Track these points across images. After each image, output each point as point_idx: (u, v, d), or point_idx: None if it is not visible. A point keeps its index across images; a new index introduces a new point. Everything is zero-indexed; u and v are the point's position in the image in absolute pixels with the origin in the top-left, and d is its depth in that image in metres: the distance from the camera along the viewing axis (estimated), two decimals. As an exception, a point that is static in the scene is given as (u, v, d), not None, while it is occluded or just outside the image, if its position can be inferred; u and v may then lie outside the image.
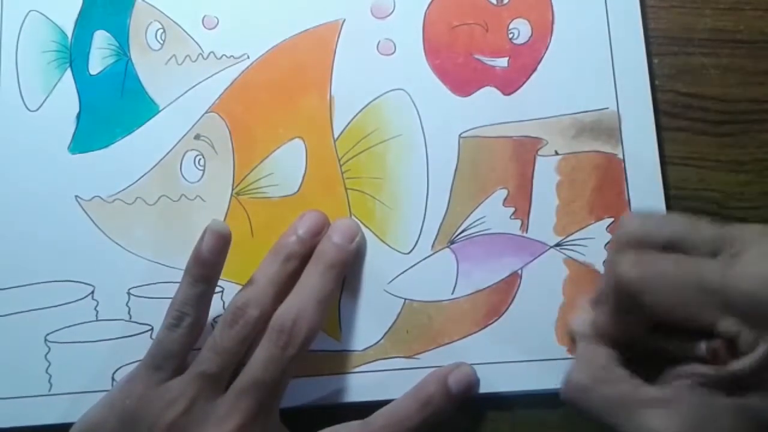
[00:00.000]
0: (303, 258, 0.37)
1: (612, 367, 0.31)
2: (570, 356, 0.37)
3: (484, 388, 0.37)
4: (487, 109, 0.40)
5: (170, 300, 0.36)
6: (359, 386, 0.37)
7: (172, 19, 0.41)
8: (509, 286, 0.38)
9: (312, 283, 0.36)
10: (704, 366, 0.29)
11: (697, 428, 0.28)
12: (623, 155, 0.40)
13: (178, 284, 0.38)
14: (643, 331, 0.31)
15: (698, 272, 0.29)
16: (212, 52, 0.40)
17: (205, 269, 0.35)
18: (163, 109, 0.40)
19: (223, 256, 0.35)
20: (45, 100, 0.40)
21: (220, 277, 0.36)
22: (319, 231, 0.37)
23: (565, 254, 0.38)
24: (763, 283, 0.27)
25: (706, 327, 0.29)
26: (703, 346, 0.30)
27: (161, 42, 0.41)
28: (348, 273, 0.38)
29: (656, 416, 0.29)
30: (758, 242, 0.28)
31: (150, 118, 0.40)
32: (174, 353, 0.34)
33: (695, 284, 0.28)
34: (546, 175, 0.39)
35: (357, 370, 0.38)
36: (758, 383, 0.28)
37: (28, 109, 0.40)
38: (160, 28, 0.41)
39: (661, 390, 0.30)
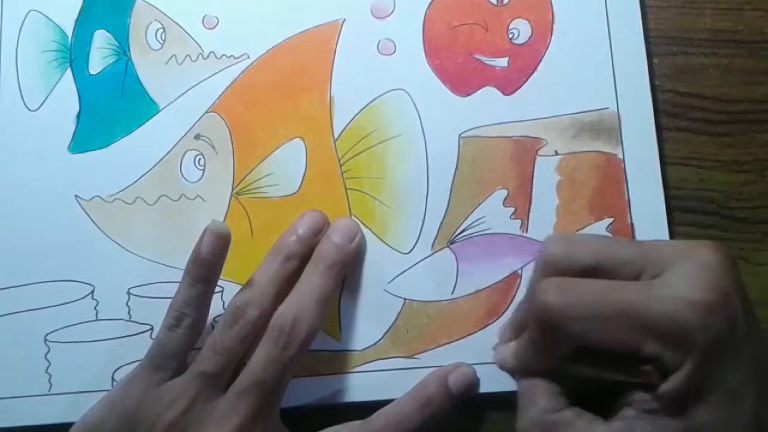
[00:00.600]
0: (303, 258, 0.37)
1: (555, 408, 0.30)
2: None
3: (484, 388, 0.37)
4: (487, 109, 0.40)
5: (170, 300, 0.36)
6: (359, 386, 0.37)
7: (172, 19, 0.41)
8: (509, 286, 0.38)
9: (312, 282, 0.36)
10: (642, 393, 0.29)
11: None
12: (623, 155, 0.40)
13: (178, 284, 0.38)
14: (564, 359, 0.30)
15: (621, 297, 0.28)
16: (212, 51, 0.40)
17: (205, 270, 0.35)
18: (163, 108, 0.40)
19: (223, 256, 0.35)
20: (45, 99, 0.40)
21: (220, 277, 0.36)
22: (319, 231, 0.37)
23: (565, 254, 0.38)
24: (679, 305, 0.27)
25: (632, 351, 0.28)
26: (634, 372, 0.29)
27: (161, 42, 0.41)
28: (348, 273, 0.38)
29: None
30: (677, 264, 0.28)
31: (150, 118, 0.40)
32: (174, 353, 0.34)
33: (618, 309, 0.28)
34: (546, 175, 0.39)
35: (357, 369, 0.38)
36: (698, 399, 0.28)
37: (28, 109, 0.40)
38: (160, 28, 0.41)
39: (611, 426, 0.29)
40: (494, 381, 0.37)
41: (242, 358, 0.35)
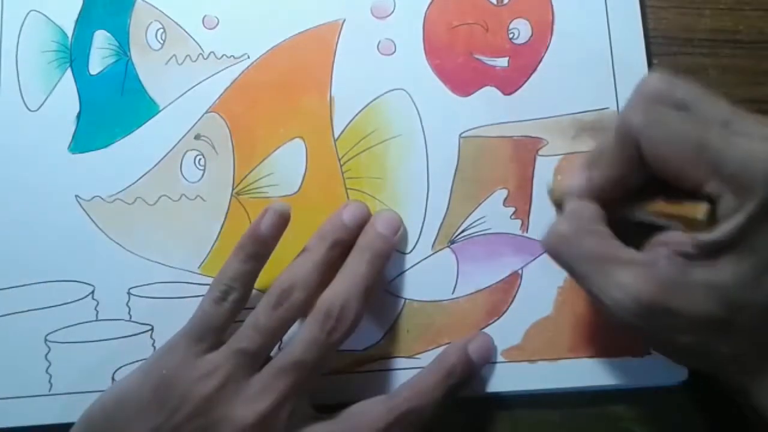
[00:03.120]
0: (346, 246, 0.37)
1: (597, 222, 0.32)
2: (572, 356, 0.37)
3: (484, 388, 0.37)
4: (487, 109, 0.40)
5: (170, 300, 0.37)
6: (360, 386, 0.37)
7: (172, 19, 0.41)
8: (509, 285, 0.38)
9: (360, 271, 0.36)
10: (684, 234, 0.30)
11: (667, 294, 0.29)
12: (623, 155, 0.40)
13: (177, 284, 0.38)
14: (630, 189, 0.32)
15: (702, 132, 0.30)
16: (212, 52, 0.40)
17: (260, 247, 0.35)
18: (164, 108, 0.40)
19: (280, 235, 0.35)
20: (45, 99, 0.40)
21: None
22: (364, 221, 0.38)
23: (565, 254, 0.38)
24: (754, 154, 0.28)
25: (694, 185, 0.30)
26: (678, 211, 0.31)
27: (161, 42, 0.41)
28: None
29: (630, 275, 0.30)
30: (763, 128, 0.29)
31: (150, 118, 0.40)
32: (216, 327, 0.34)
33: (694, 141, 0.29)
34: (546, 175, 0.39)
35: (357, 370, 0.38)
36: (731, 261, 0.29)
37: (29, 109, 0.40)
38: (160, 28, 0.41)
39: (641, 254, 0.31)
40: (494, 381, 0.37)
41: (281, 339, 0.35)
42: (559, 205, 0.35)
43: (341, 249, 0.37)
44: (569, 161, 0.39)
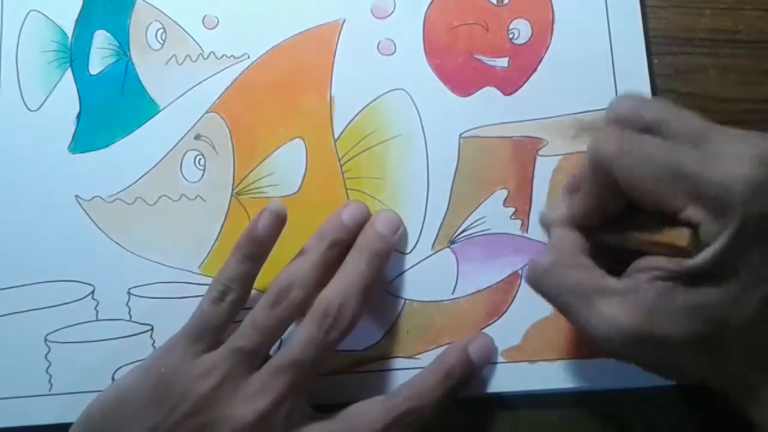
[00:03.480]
0: (345, 246, 0.37)
1: (577, 254, 0.32)
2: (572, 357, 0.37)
3: (484, 388, 0.37)
4: (488, 109, 0.40)
5: (170, 300, 0.37)
6: (359, 386, 0.37)
7: (172, 19, 0.41)
8: (510, 286, 0.38)
9: (359, 270, 0.36)
10: (665, 259, 0.30)
11: (653, 321, 0.29)
12: (623, 155, 0.40)
13: (177, 284, 0.38)
14: (609, 215, 0.32)
15: (676, 157, 0.29)
16: (212, 52, 0.40)
17: (257, 247, 0.35)
18: (164, 108, 0.40)
19: (277, 235, 0.35)
20: (45, 99, 0.40)
21: None
22: (363, 221, 0.38)
23: (565, 254, 0.39)
24: (731, 176, 0.28)
25: (672, 212, 0.29)
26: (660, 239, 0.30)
27: (161, 42, 0.41)
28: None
29: (613, 305, 0.30)
30: (736, 144, 0.29)
31: (150, 118, 0.40)
32: (214, 327, 0.35)
33: (671, 167, 0.29)
34: (546, 175, 0.39)
35: (357, 370, 0.38)
36: (714, 282, 0.28)
37: (29, 109, 0.40)
38: (160, 28, 0.41)
39: (621, 282, 0.31)
40: (494, 381, 0.37)
41: (280, 338, 0.35)
42: (548, 229, 0.36)
43: (340, 249, 0.37)
44: (568, 161, 0.39)
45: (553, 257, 0.32)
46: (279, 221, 0.35)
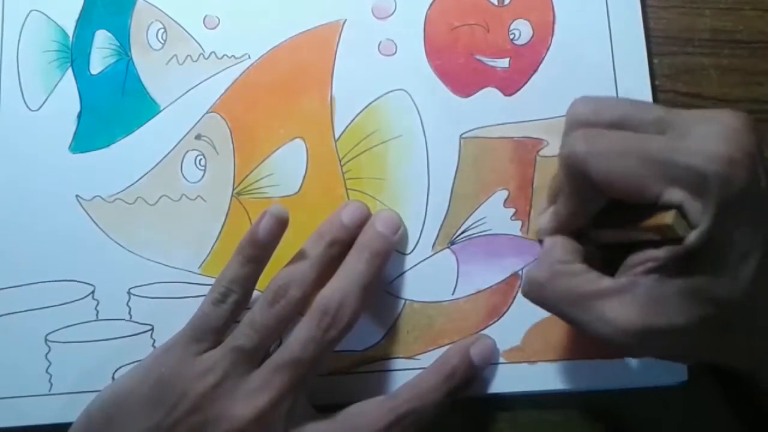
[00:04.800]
0: (345, 245, 0.37)
1: (569, 261, 0.32)
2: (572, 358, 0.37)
3: (484, 389, 0.37)
4: (488, 109, 0.40)
5: (171, 300, 0.37)
6: (360, 387, 0.37)
7: (173, 19, 0.41)
8: (510, 287, 0.38)
9: (358, 269, 0.36)
10: (655, 250, 0.30)
11: (650, 312, 0.29)
12: (624, 156, 0.40)
13: (177, 284, 0.38)
14: (594, 213, 0.32)
15: (644, 145, 0.29)
16: (213, 51, 0.40)
17: (258, 250, 0.35)
18: (164, 108, 0.40)
19: (278, 239, 0.35)
20: (46, 99, 0.40)
21: None
22: (363, 222, 0.38)
23: (565, 255, 0.39)
24: (702, 156, 0.28)
25: (652, 200, 0.29)
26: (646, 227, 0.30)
27: (162, 42, 0.41)
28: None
29: (612, 306, 0.30)
30: (701, 124, 0.29)
31: (151, 118, 0.40)
32: (215, 328, 0.35)
33: (641, 155, 0.29)
34: (547, 176, 0.39)
35: (357, 370, 0.38)
36: (705, 263, 0.29)
37: (29, 109, 0.40)
38: (161, 28, 0.41)
39: (616, 280, 0.31)
40: (495, 381, 0.37)
41: (279, 337, 0.35)
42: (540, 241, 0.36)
43: (339, 248, 0.37)
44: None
45: (545, 268, 0.32)
46: (280, 225, 0.35)
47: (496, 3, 0.41)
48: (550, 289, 0.32)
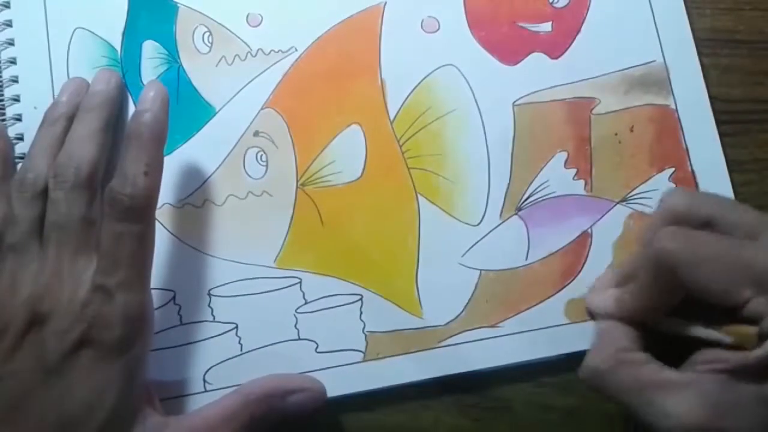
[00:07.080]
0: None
1: (632, 349, 0.32)
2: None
3: (567, 348, 0.38)
4: (537, 74, 0.40)
5: (251, 296, 0.37)
6: (447, 360, 0.38)
7: (216, 21, 0.41)
8: (581, 246, 0.39)
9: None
10: (728, 352, 0.30)
11: (719, 414, 0.29)
12: (675, 105, 0.40)
13: (256, 280, 0.38)
14: (667, 310, 0.32)
15: (738, 250, 0.29)
16: (260, 48, 0.41)
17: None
18: (220, 110, 0.40)
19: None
20: (101, 115, 0.41)
21: (298, 268, 0.38)
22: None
23: (632, 208, 0.39)
24: None
25: (736, 305, 0.29)
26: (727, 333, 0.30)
27: (209, 45, 0.41)
28: (423, 250, 0.39)
29: (676, 401, 0.29)
30: None
31: (208, 121, 0.40)
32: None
33: (733, 261, 0.29)
34: (603, 133, 0.40)
35: (443, 344, 0.38)
36: None
37: (88, 125, 0.41)
38: (206, 31, 0.41)
39: (680, 374, 0.30)
40: (575, 341, 0.37)
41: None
42: (593, 317, 0.36)
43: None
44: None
45: (604, 355, 0.32)
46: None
47: (532, -32, 0.41)
48: (610, 378, 0.31)
